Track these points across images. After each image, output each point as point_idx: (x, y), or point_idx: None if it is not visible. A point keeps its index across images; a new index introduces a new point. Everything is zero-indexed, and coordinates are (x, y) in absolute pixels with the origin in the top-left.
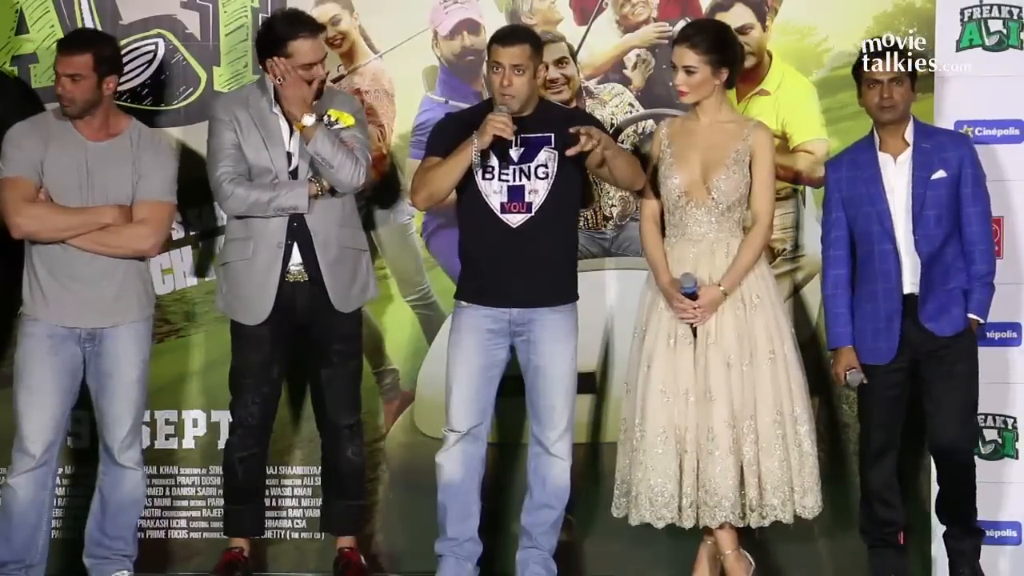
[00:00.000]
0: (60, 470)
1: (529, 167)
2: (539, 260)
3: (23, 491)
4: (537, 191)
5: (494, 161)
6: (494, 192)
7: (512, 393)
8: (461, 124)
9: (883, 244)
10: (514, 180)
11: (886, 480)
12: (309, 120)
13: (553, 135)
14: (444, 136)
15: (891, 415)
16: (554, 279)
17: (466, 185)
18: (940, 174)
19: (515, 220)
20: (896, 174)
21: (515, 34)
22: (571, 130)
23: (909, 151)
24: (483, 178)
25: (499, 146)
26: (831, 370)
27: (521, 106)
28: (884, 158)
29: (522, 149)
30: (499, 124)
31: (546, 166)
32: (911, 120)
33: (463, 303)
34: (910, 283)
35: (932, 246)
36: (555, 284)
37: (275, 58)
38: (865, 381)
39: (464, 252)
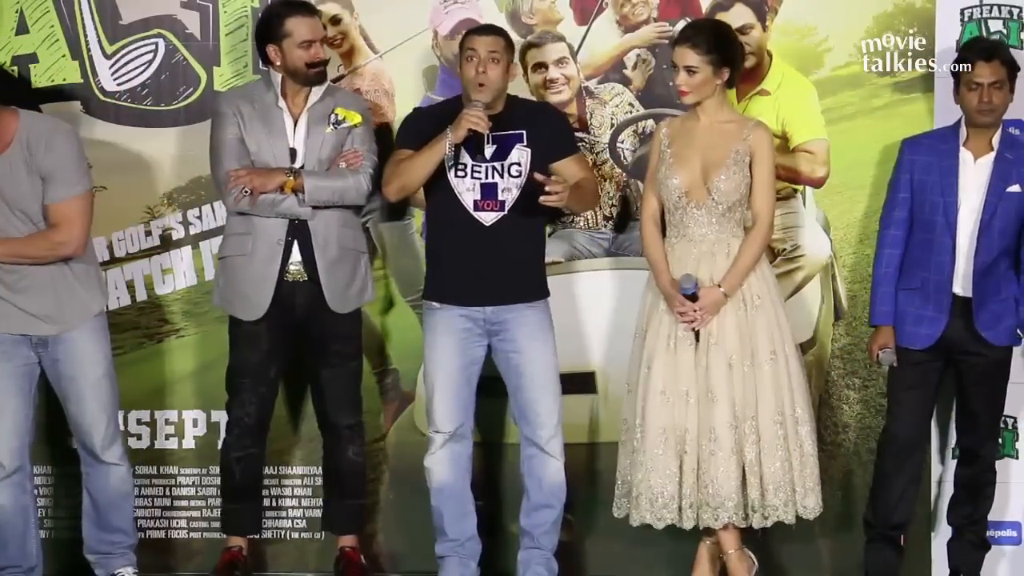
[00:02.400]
0: (59, 470)
1: (502, 165)
2: (511, 258)
3: (3, 499)
4: (510, 189)
5: (467, 158)
6: (467, 190)
7: (498, 393)
8: (431, 119)
9: (943, 237)
10: (487, 178)
11: (909, 482)
12: (285, 179)
13: (525, 132)
14: (415, 130)
15: (920, 408)
16: (526, 276)
17: (437, 183)
18: (1015, 188)
19: (488, 218)
20: (973, 174)
21: (490, 27)
22: (538, 178)
23: (991, 156)
24: (456, 176)
25: (473, 141)
26: (866, 346)
27: (493, 99)
28: (965, 154)
29: (495, 147)
30: (474, 118)
31: (519, 164)
32: (1001, 125)
33: (435, 304)
34: (960, 284)
35: (989, 255)
36: (527, 281)
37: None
38: (895, 363)
39: (434, 251)
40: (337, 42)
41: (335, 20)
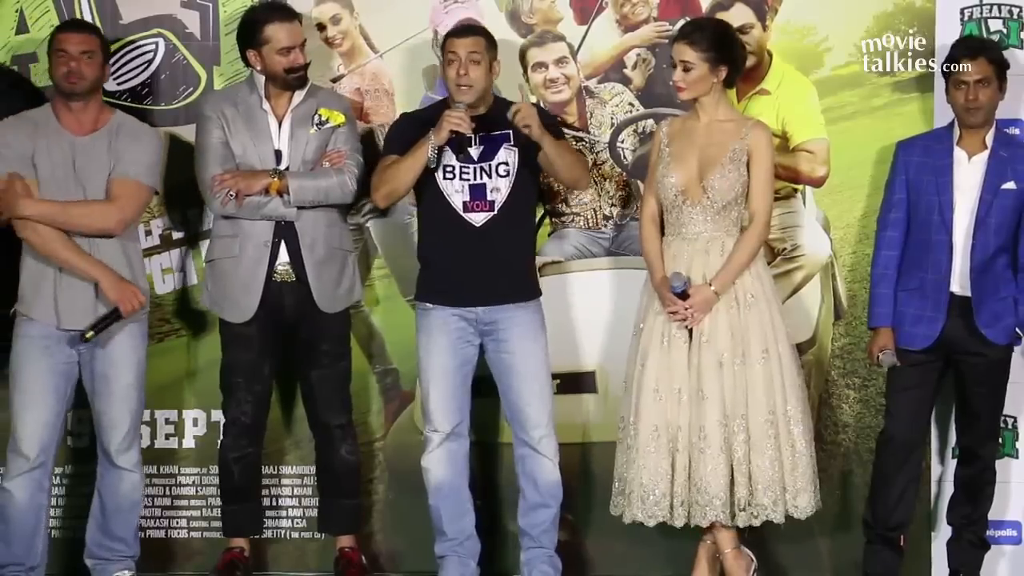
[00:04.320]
0: (61, 470)
1: (490, 165)
2: (502, 258)
3: (20, 494)
4: (499, 189)
5: (453, 160)
6: (456, 192)
7: (494, 393)
8: (417, 123)
9: (939, 235)
10: (475, 179)
11: (908, 482)
12: (269, 180)
13: (512, 132)
14: (401, 135)
15: (918, 409)
16: (518, 276)
17: (427, 186)
18: (1010, 185)
19: (478, 219)
20: (968, 172)
21: (470, 27)
22: (509, 113)
23: (985, 154)
24: (444, 178)
25: (456, 143)
26: (867, 348)
27: (477, 99)
28: (959, 153)
29: (482, 147)
30: (455, 120)
31: (507, 163)
32: (994, 123)
33: (428, 305)
34: (958, 282)
35: (986, 253)
36: (519, 281)
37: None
38: (898, 363)
39: (425, 253)
40: (337, 42)
41: (335, 20)
